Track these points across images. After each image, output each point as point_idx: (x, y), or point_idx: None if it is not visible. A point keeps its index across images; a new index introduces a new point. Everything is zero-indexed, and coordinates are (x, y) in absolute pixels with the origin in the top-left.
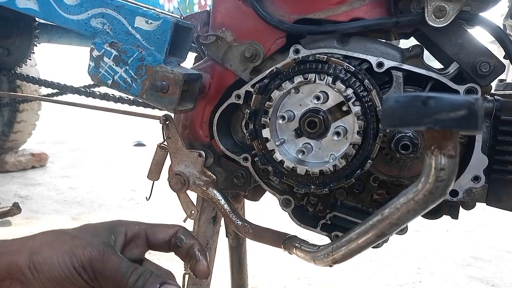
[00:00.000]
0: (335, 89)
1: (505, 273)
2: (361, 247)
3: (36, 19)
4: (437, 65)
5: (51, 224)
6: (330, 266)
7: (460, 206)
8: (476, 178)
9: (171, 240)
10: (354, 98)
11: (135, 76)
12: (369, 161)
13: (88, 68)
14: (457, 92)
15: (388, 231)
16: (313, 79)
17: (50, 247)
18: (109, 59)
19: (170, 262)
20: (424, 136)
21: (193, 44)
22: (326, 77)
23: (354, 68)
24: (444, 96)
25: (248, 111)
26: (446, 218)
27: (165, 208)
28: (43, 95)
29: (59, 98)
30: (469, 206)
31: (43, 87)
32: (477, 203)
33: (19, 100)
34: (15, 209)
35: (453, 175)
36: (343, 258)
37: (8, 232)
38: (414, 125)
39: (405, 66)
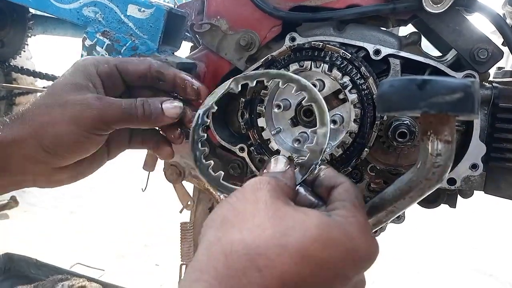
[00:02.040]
0: (331, 77)
1: (504, 264)
2: None
3: (30, 10)
4: (435, 53)
5: (49, 217)
6: None
7: (458, 195)
8: (474, 166)
9: (147, 74)
10: (351, 86)
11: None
12: (366, 149)
13: (81, 58)
14: None
15: (384, 218)
16: (309, 66)
17: (51, 126)
18: (102, 48)
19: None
20: (420, 121)
21: (188, 34)
22: (322, 64)
23: (350, 55)
24: (440, 79)
25: (244, 100)
26: (445, 208)
27: (162, 199)
28: (40, 88)
29: None
30: (467, 194)
31: (38, 79)
32: (475, 191)
33: (15, 93)
34: (13, 202)
35: (450, 160)
36: None
37: (6, 225)
38: (409, 109)
39: (403, 53)
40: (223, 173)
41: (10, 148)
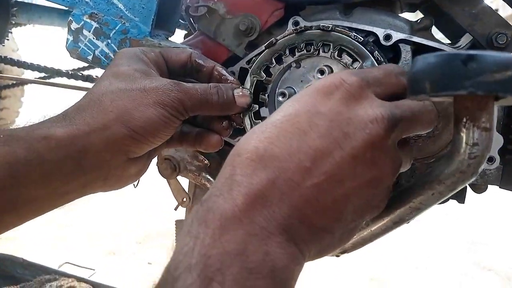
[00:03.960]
0: (341, 63)
1: (504, 258)
2: (374, 235)
3: None
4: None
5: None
6: (337, 256)
7: (471, 189)
8: (490, 159)
9: (187, 63)
10: None
11: (118, 51)
12: None
13: (66, 43)
14: None
15: (408, 216)
16: (317, 51)
17: (139, 111)
18: (89, 32)
19: None
20: (454, 106)
21: (182, 21)
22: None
23: (362, 39)
24: (488, 54)
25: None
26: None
27: (156, 194)
28: (29, 78)
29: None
30: (480, 189)
31: (29, 70)
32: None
33: (0, 86)
34: None
35: (487, 151)
36: (353, 247)
37: None
38: (451, 89)
39: (415, 39)
40: None
41: (89, 138)
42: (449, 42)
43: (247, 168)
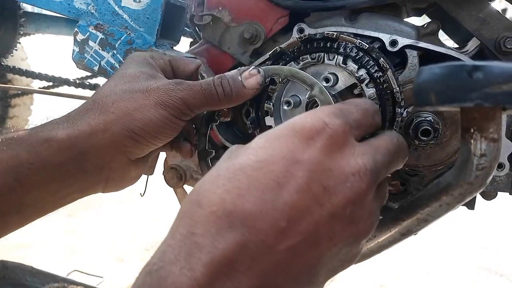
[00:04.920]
0: (346, 70)
1: None
2: (381, 247)
3: (21, 6)
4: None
5: (46, 220)
6: None
7: (480, 196)
8: (500, 166)
9: (193, 75)
10: (368, 80)
11: (123, 61)
12: None
13: (72, 54)
14: None
15: (415, 228)
16: (322, 59)
17: (139, 112)
18: (95, 43)
19: None
20: (461, 116)
21: (187, 29)
22: (336, 56)
23: (367, 46)
24: (495, 65)
25: None
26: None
27: (163, 199)
28: (38, 88)
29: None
30: (490, 196)
31: (36, 80)
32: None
33: (10, 94)
34: None
35: (496, 161)
36: (360, 258)
37: None
38: (457, 101)
39: (422, 44)
40: None
41: (90, 140)
42: (457, 46)
43: (210, 226)
